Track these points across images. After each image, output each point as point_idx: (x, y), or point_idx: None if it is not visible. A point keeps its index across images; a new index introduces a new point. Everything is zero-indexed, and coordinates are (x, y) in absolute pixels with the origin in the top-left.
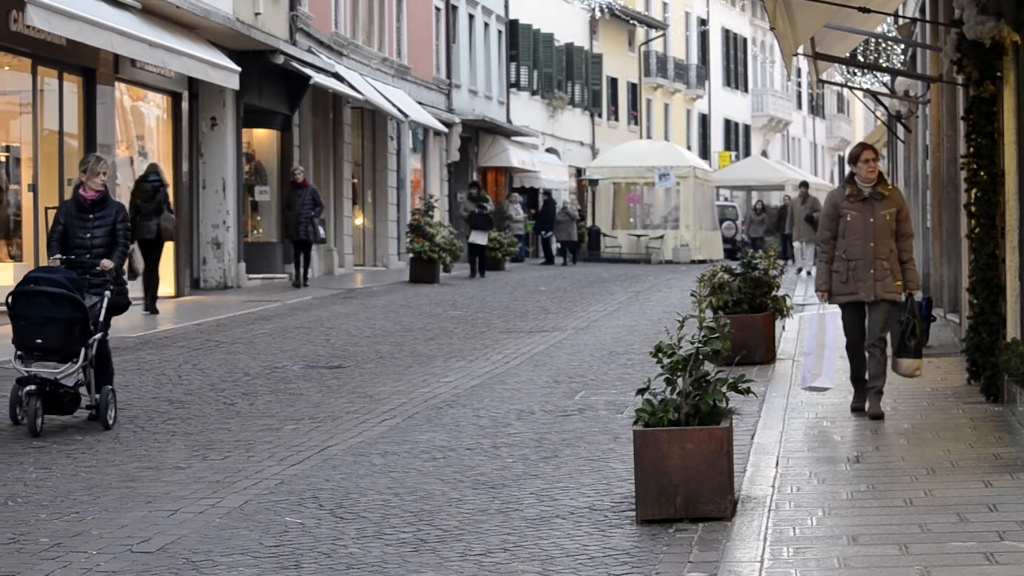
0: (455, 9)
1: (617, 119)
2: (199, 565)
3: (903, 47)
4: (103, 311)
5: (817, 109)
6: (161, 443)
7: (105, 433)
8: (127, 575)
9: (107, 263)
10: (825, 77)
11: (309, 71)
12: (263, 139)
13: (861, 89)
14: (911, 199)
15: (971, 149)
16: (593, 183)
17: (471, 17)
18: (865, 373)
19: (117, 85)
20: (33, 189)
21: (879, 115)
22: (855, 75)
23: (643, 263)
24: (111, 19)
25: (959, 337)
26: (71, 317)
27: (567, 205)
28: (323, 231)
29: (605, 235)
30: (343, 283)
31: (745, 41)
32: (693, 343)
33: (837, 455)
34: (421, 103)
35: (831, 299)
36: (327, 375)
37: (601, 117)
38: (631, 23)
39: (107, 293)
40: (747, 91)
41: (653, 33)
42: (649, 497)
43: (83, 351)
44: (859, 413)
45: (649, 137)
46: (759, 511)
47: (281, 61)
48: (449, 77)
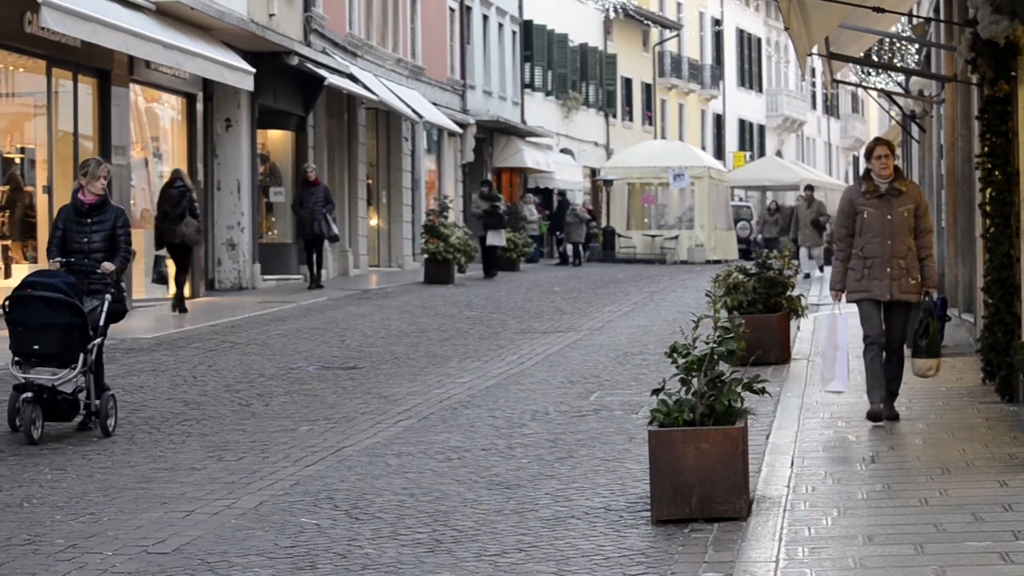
0: (469, 10)
1: (631, 119)
2: (214, 566)
3: (917, 47)
4: (103, 315)
5: (831, 109)
6: (176, 444)
7: (120, 434)
8: None
9: (108, 265)
10: (839, 77)
11: (323, 72)
12: (278, 140)
13: (875, 89)
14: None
15: (985, 148)
16: (608, 183)
17: (485, 18)
18: (879, 379)
19: (132, 87)
20: (48, 191)
21: (893, 115)
22: (869, 75)
23: (658, 263)
24: (125, 20)
25: (974, 337)
26: (69, 322)
27: (575, 206)
28: (336, 228)
29: (620, 235)
30: (358, 284)
31: (759, 41)
32: (708, 343)
33: (852, 455)
34: (435, 104)
35: (847, 297)
36: (342, 376)
37: (615, 117)
38: (645, 23)
39: (107, 297)
40: (761, 91)
41: (667, 33)
42: (664, 497)
43: (82, 357)
44: (876, 420)
45: (663, 137)
46: (774, 511)
47: (295, 62)
48: (463, 78)
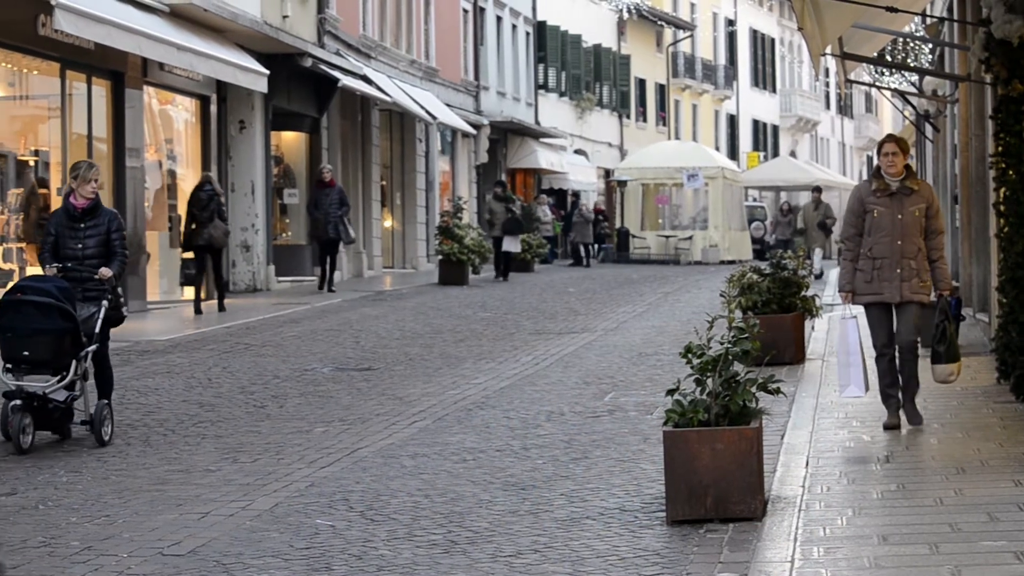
0: (483, 11)
1: (645, 120)
2: (230, 568)
3: (931, 46)
4: (99, 322)
5: (845, 109)
6: (191, 446)
7: (135, 437)
8: None
9: (105, 271)
10: (853, 77)
11: (337, 74)
12: (291, 142)
13: (889, 89)
14: (940, 198)
15: (999, 148)
16: (622, 184)
17: (499, 19)
18: (894, 388)
19: (145, 89)
20: (62, 193)
21: (907, 115)
22: (883, 75)
23: (672, 264)
24: (139, 23)
25: (988, 336)
26: (60, 328)
27: (581, 206)
28: (352, 231)
29: (634, 236)
30: (372, 285)
31: (773, 41)
32: (722, 343)
33: (867, 455)
34: (449, 105)
35: (854, 299)
36: (357, 377)
37: (629, 118)
38: (659, 24)
39: (104, 303)
40: (775, 91)
41: (681, 34)
42: (679, 498)
43: (74, 364)
44: (894, 430)
45: (677, 138)
46: (789, 511)
47: (309, 64)
48: (477, 79)
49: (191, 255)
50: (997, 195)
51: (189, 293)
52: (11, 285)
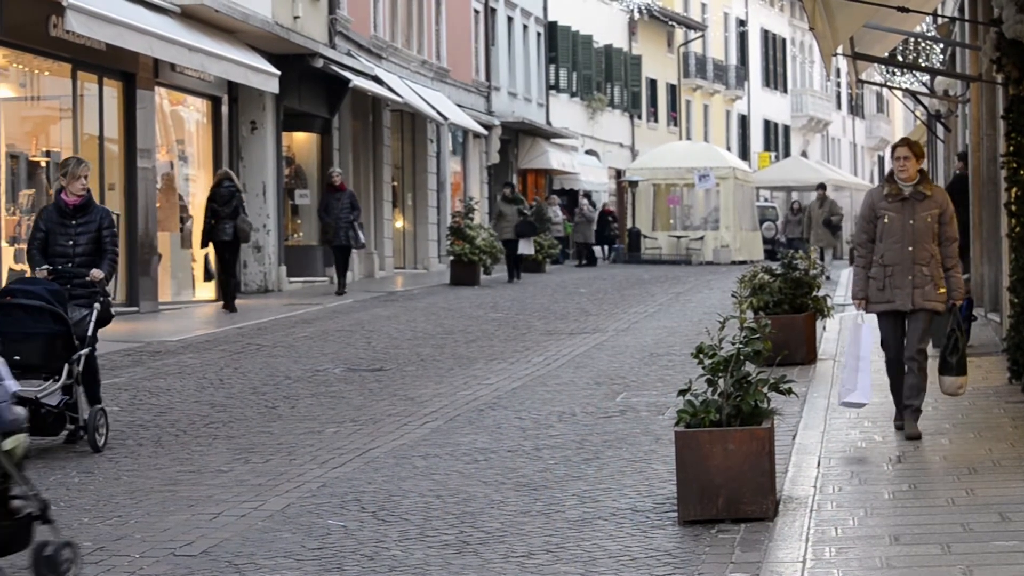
0: (494, 11)
1: (656, 120)
2: (242, 568)
3: (942, 46)
4: (92, 324)
5: (856, 109)
6: (203, 447)
7: (146, 437)
8: None
9: (97, 273)
10: (864, 77)
11: (348, 74)
12: (303, 143)
13: (900, 89)
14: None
15: (1011, 148)
16: (633, 184)
17: (510, 19)
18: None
19: (157, 89)
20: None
21: (919, 115)
22: (894, 75)
23: (683, 264)
24: (150, 23)
25: (1000, 336)
26: (51, 331)
27: (583, 206)
28: (363, 235)
29: (645, 236)
30: (384, 286)
31: (784, 41)
32: (734, 344)
33: (878, 455)
34: (460, 106)
35: (867, 307)
36: (368, 378)
37: (640, 118)
38: (670, 24)
39: (96, 305)
40: (786, 91)
41: (692, 34)
42: (691, 498)
43: (67, 367)
44: (916, 440)
45: (688, 138)
46: (801, 511)
47: (320, 64)
48: (488, 79)
49: (210, 250)
50: (1008, 195)
51: (202, 293)
52: None
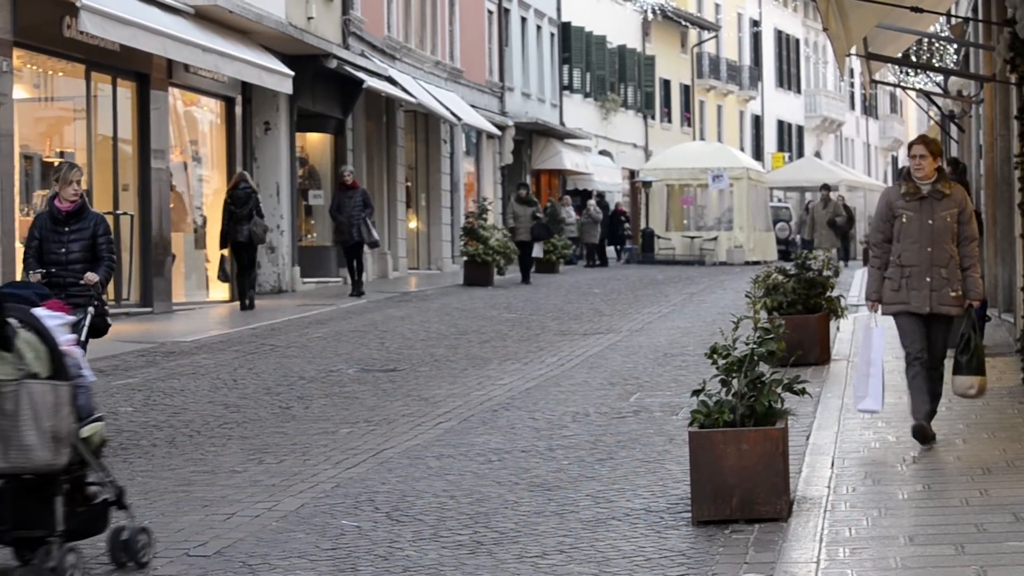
0: (507, 12)
1: (670, 121)
2: (255, 569)
3: (956, 47)
4: (85, 330)
5: (870, 109)
6: (217, 447)
7: (160, 438)
8: None
9: (91, 276)
10: (878, 77)
11: (362, 75)
12: (316, 143)
13: (914, 89)
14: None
15: None
16: (646, 185)
17: (523, 20)
18: (926, 398)
19: (170, 90)
20: (88, 195)
21: (932, 115)
22: (908, 75)
23: (697, 265)
24: (164, 24)
25: (1014, 337)
26: None
27: (589, 207)
28: (376, 233)
29: (659, 237)
30: (397, 286)
31: (798, 42)
32: (748, 344)
33: (892, 455)
34: (474, 106)
35: (882, 308)
36: (382, 378)
37: (654, 119)
38: (683, 25)
39: (90, 310)
40: (800, 92)
41: (705, 34)
42: (705, 498)
43: None
44: (924, 440)
45: (702, 139)
46: (815, 512)
47: (334, 65)
48: (502, 80)
49: (227, 251)
50: (1022, 195)
51: (216, 293)
52: None
